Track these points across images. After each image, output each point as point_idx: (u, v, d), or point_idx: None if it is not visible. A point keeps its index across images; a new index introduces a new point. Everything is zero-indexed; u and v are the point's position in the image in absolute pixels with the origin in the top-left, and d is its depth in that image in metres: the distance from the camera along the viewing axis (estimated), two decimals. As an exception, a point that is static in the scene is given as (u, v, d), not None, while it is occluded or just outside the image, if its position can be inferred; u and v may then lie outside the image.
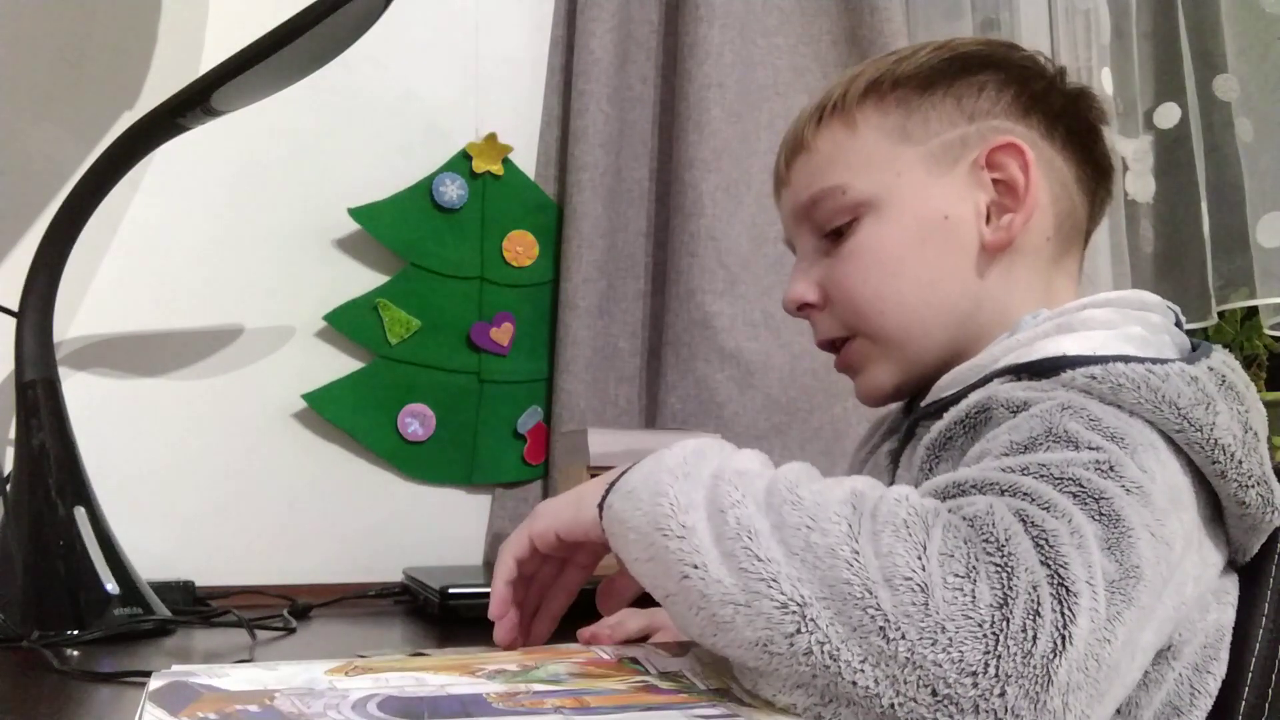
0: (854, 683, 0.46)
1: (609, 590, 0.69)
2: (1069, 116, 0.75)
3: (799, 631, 0.47)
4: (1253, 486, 0.60)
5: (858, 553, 0.47)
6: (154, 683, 0.50)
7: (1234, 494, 0.60)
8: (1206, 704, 0.62)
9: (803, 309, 0.78)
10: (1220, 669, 0.63)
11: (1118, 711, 0.58)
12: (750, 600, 0.48)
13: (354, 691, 0.49)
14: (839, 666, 0.46)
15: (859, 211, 0.74)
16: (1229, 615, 0.64)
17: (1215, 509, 0.62)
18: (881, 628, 0.45)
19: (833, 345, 0.78)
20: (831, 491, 0.51)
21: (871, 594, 0.46)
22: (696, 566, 0.50)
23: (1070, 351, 0.64)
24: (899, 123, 0.74)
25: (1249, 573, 0.65)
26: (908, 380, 0.75)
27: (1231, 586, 0.64)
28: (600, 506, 0.59)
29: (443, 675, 0.53)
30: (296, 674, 0.53)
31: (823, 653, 0.46)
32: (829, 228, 0.76)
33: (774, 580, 0.48)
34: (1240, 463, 0.60)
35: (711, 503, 0.52)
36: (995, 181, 0.72)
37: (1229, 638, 0.63)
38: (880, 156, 0.74)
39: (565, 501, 0.64)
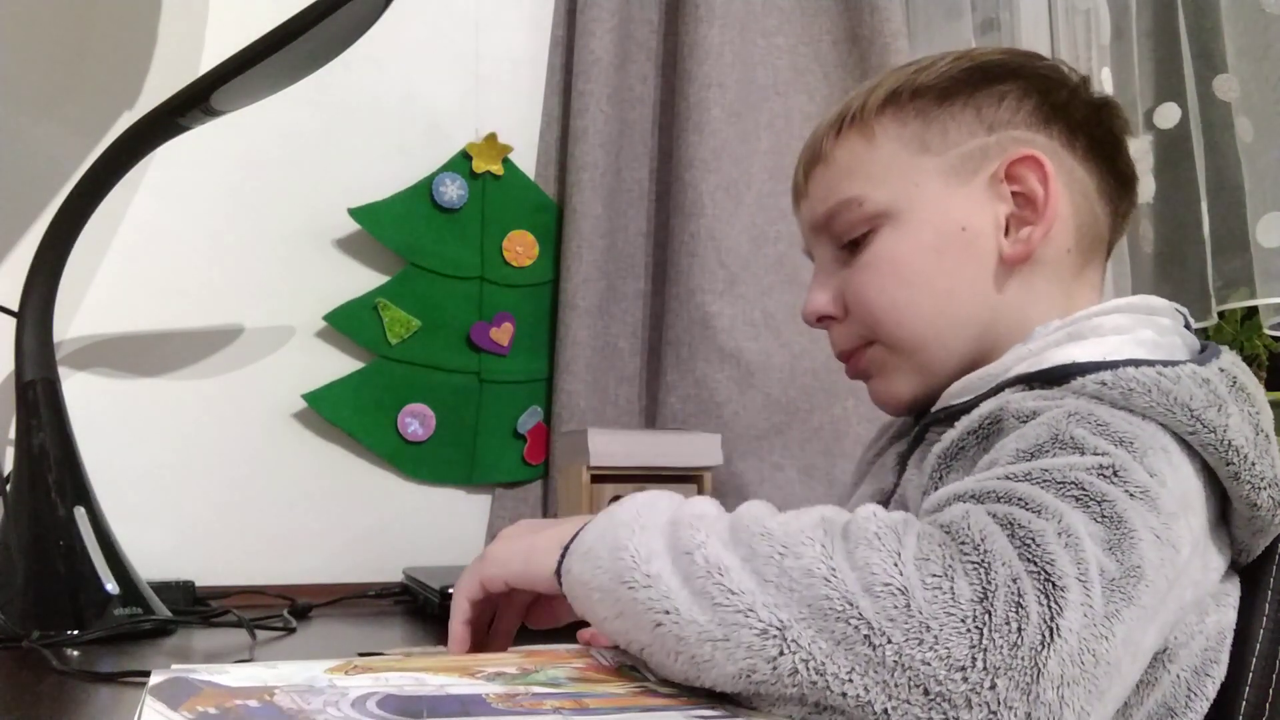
0: (844, 694, 0.46)
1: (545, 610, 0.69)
2: (1091, 126, 0.74)
3: (782, 654, 0.47)
4: (1265, 489, 0.60)
5: (834, 569, 0.47)
6: (154, 679, 0.50)
7: (1246, 496, 0.60)
8: (1202, 706, 0.61)
9: (822, 320, 0.78)
10: (1219, 671, 0.63)
11: None
12: (728, 634, 0.48)
13: (353, 689, 0.49)
14: (826, 680, 0.46)
15: (877, 222, 0.73)
16: (1229, 618, 0.64)
17: (1222, 512, 0.62)
18: (866, 636, 0.45)
19: (848, 356, 0.78)
20: (799, 520, 0.51)
21: (853, 605, 0.46)
22: (668, 612, 0.50)
23: (1080, 359, 0.64)
24: (918, 133, 0.73)
25: (1250, 575, 0.65)
26: (926, 390, 0.75)
27: (1232, 589, 0.64)
28: (559, 574, 0.58)
29: (442, 676, 0.53)
30: (296, 673, 0.53)
31: (808, 670, 0.46)
32: (847, 239, 0.75)
33: (750, 610, 0.48)
34: (1253, 464, 0.60)
35: (674, 548, 0.52)
36: (1015, 194, 0.72)
37: (1229, 640, 0.63)
38: (899, 167, 0.73)
39: (514, 552, 0.64)
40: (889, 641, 0.45)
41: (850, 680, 0.46)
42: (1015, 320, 0.71)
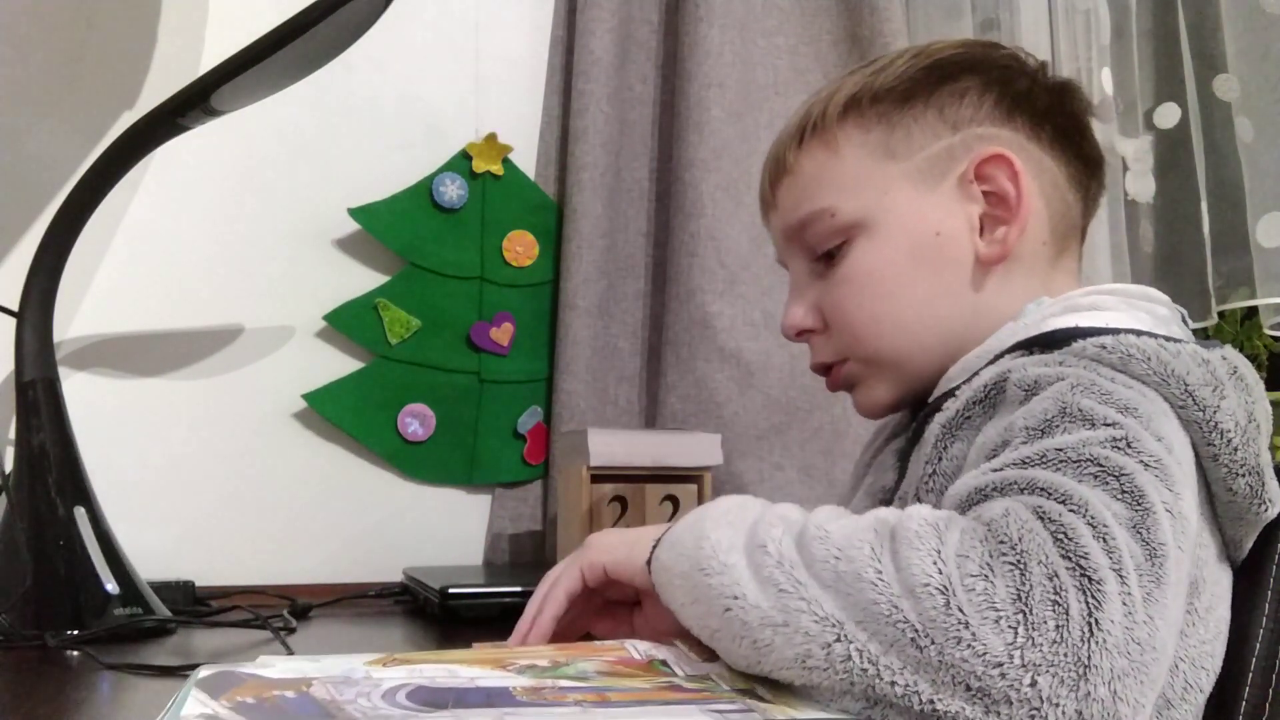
0: (892, 684, 0.47)
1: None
2: (1054, 114, 0.74)
3: (838, 640, 0.48)
4: (1243, 475, 0.61)
5: (881, 572, 0.49)
6: (202, 672, 0.52)
7: (1223, 479, 0.61)
8: (1198, 699, 0.62)
9: (801, 335, 0.78)
10: (1214, 665, 0.63)
11: None
12: (787, 619, 0.50)
13: (387, 681, 0.51)
14: (878, 670, 0.47)
15: (850, 233, 0.73)
16: (1224, 611, 0.64)
17: (1207, 493, 0.62)
18: (913, 639, 0.47)
19: (826, 369, 0.78)
20: (858, 523, 0.53)
21: (898, 608, 0.47)
22: (736, 598, 0.52)
23: (1082, 324, 0.65)
24: (882, 139, 0.73)
25: (1248, 572, 0.65)
26: (907, 393, 0.75)
27: (1226, 581, 0.64)
28: (649, 562, 0.60)
29: (475, 669, 0.54)
30: (336, 664, 0.55)
31: (861, 659, 0.48)
32: (821, 250, 0.75)
33: (814, 600, 0.50)
34: (1236, 450, 0.60)
35: (750, 540, 0.54)
36: (986, 194, 0.72)
37: (1225, 633, 0.63)
38: (866, 176, 0.73)
39: (619, 539, 0.66)
40: (932, 642, 0.46)
41: (901, 674, 0.47)
42: (997, 318, 0.71)
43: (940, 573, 0.47)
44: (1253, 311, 1.57)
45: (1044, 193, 0.73)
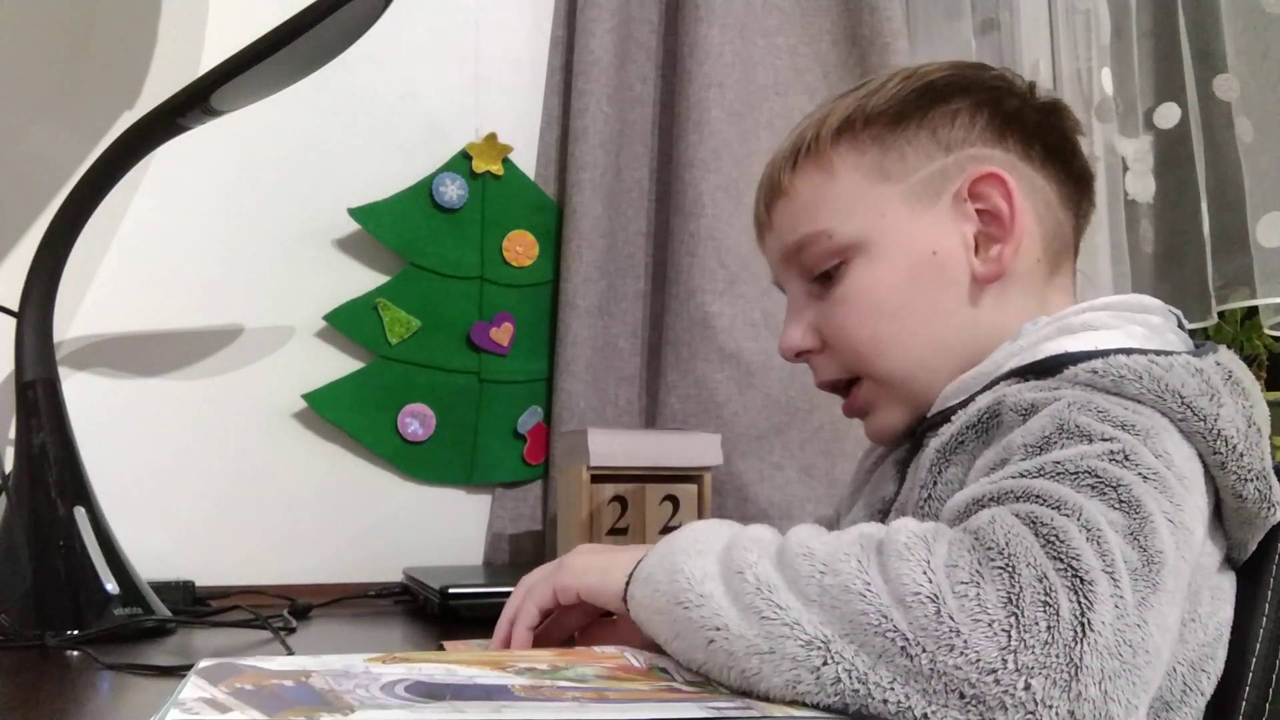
0: (885, 701, 0.47)
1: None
2: (1044, 133, 0.75)
3: (825, 664, 0.48)
4: (1251, 480, 0.61)
5: (869, 583, 0.49)
6: (202, 663, 0.52)
7: (1232, 486, 0.61)
8: (1198, 702, 0.62)
9: (800, 356, 0.78)
10: (1215, 668, 0.63)
11: None
12: (774, 646, 0.49)
13: (386, 675, 0.51)
14: (868, 689, 0.47)
15: (847, 255, 0.74)
16: (1226, 614, 0.64)
17: (1214, 501, 0.62)
18: (903, 648, 0.47)
19: (834, 387, 0.79)
20: (841, 538, 0.53)
21: (888, 618, 0.47)
22: (719, 629, 0.52)
23: (1072, 349, 0.65)
24: (876, 161, 0.73)
25: (1249, 573, 0.65)
26: (917, 417, 0.75)
27: (1228, 585, 0.65)
28: (625, 599, 0.60)
29: (474, 669, 0.54)
30: (335, 660, 0.55)
31: (851, 679, 0.47)
32: (818, 271, 0.75)
33: (796, 624, 0.49)
34: (1241, 455, 0.60)
35: (726, 567, 0.53)
36: (980, 212, 0.72)
37: (1226, 637, 0.64)
38: (862, 197, 0.73)
39: (592, 566, 0.65)
40: (924, 650, 0.46)
41: (891, 689, 0.47)
42: (996, 336, 0.71)
43: (930, 582, 0.47)
44: (1253, 311, 1.57)
45: (1037, 211, 0.73)
